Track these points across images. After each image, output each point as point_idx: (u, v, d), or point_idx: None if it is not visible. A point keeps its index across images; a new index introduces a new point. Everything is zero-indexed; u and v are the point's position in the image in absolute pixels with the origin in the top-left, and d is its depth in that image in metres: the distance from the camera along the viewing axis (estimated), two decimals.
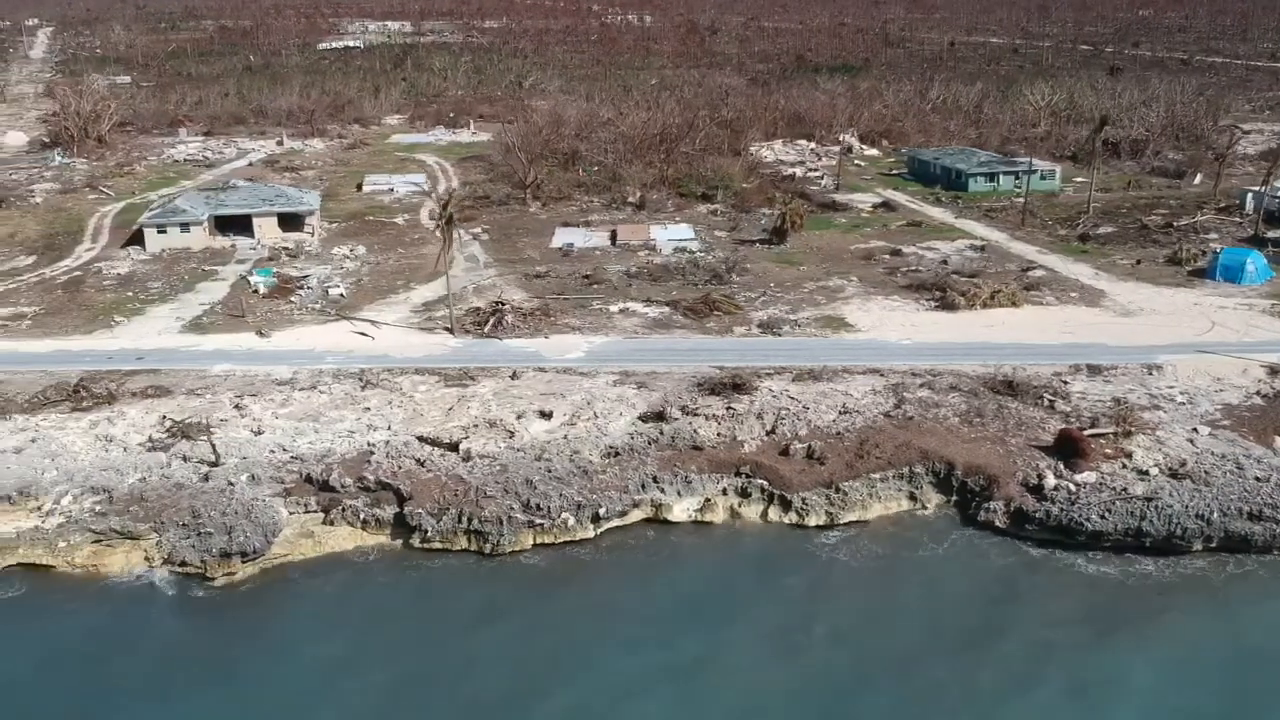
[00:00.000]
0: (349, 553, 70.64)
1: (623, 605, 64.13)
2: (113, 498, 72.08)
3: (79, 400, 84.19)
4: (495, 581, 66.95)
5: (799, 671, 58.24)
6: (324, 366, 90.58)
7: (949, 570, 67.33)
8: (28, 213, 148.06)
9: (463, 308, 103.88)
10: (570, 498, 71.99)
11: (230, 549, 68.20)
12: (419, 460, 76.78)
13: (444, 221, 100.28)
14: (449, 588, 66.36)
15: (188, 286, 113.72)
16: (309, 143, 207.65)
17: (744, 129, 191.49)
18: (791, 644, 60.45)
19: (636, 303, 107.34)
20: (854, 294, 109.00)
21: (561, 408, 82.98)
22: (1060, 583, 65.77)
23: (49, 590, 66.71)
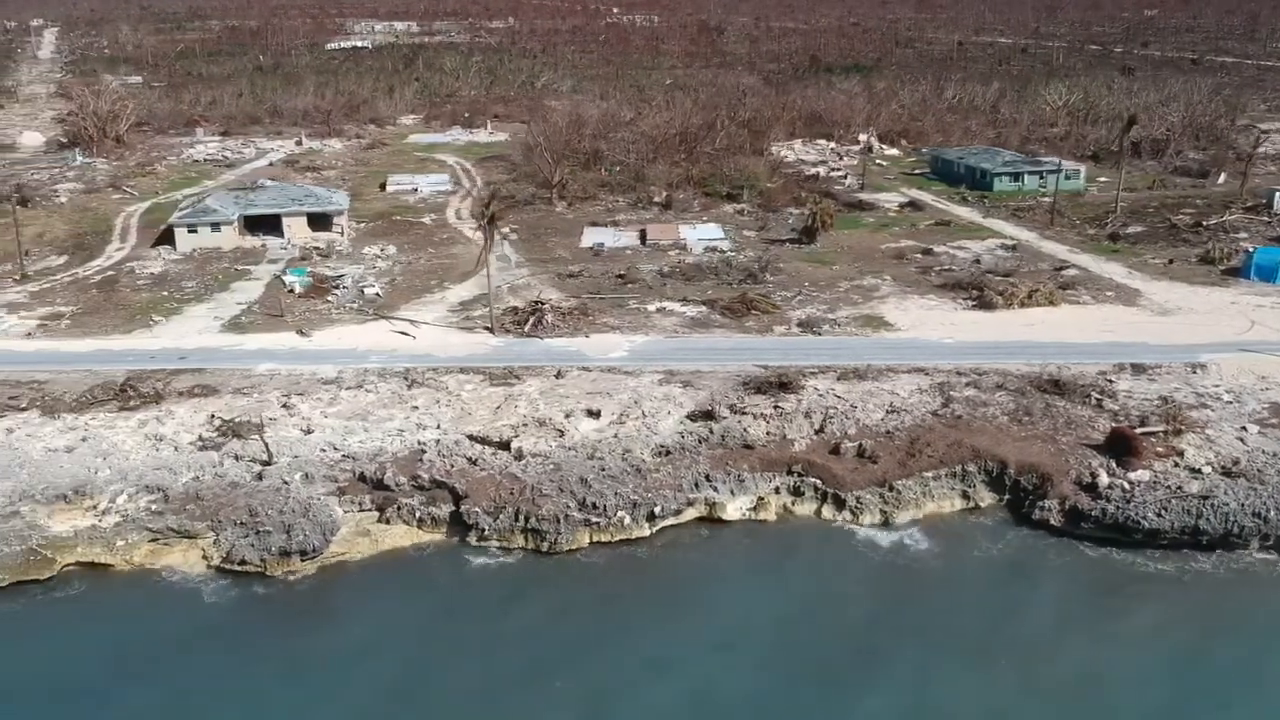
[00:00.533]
0: (406, 551, 70.78)
1: (690, 604, 64.09)
2: (168, 497, 72.13)
3: (126, 399, 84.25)
4: (556, 579, 66.83)
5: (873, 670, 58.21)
6: (368, 366, 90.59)
7: (1009, 568, 67.48)
8: (53, 212, 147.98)
9: (500, 307, 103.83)
10: (626, 496, 72.11)
11: (290, 547, 68.29)
12: (470, 459, 76.84)
13: (486, 221, 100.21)
14: (509, 585, 66.30)
15: (222, 286, 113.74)
16: (327, 142, 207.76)
17: (763, 129, 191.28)
18: (864, 644, 60.45)
19: (673, 302, 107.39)
20: (890, 293, 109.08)
21: (609, 407, 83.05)
22: (1123, 580, 65.72)
23: (109, 588, 66.54)
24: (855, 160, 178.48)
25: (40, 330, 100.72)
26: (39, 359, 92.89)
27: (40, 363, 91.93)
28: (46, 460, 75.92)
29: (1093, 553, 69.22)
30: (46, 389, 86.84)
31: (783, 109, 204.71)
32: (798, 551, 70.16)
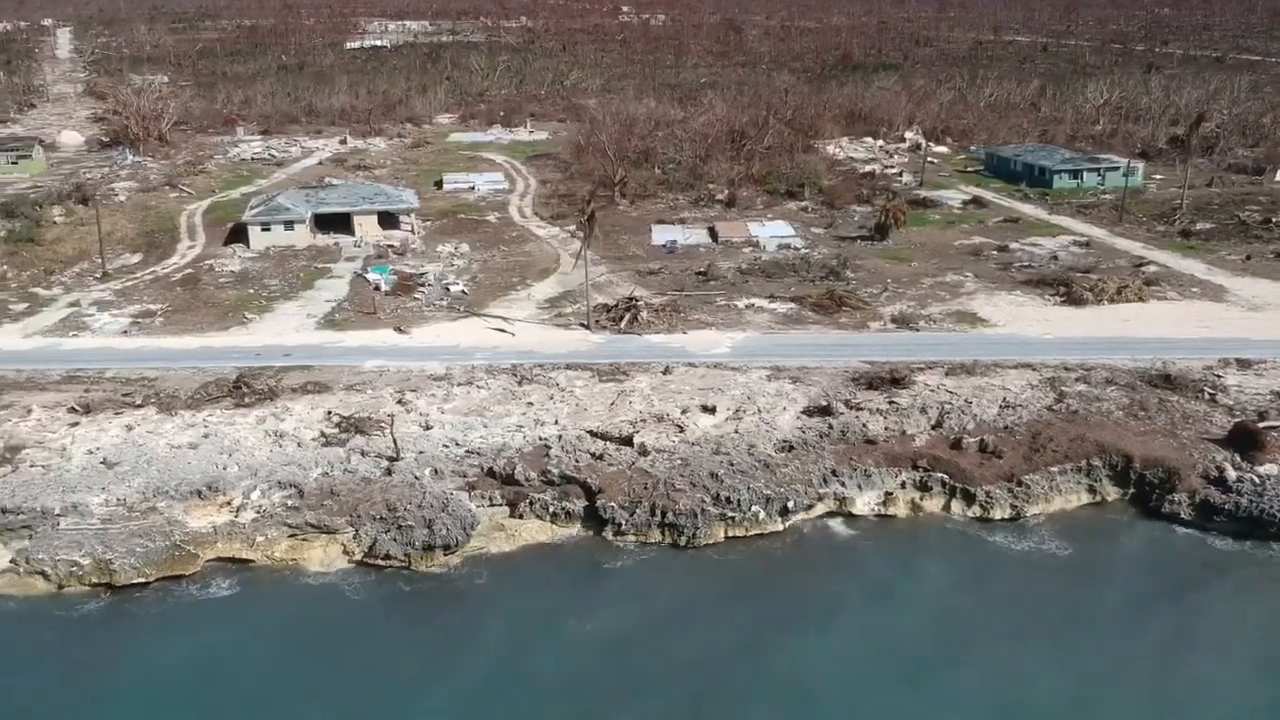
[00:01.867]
0: (542, 545, 71.00)
1: (842, 599, 64.51)
2: (302, 492, 72.40)
3: (241, 396, 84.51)
4: (701, 572, 67.19)
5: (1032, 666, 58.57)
6: (475, 362, 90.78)
7: (1150, 561, 67.94)
8: (116, 211, 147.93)
9: (590, 304, 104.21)
10: (759, 491, 72.50)
11: (433, 542, 68.67)
12: (594, 454, 77.17)
13: (586, 219, 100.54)
14: (654, 579, 66.61)
15: (306, 284, 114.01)
16: (370, 141, 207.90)
17: (808, 126, 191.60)
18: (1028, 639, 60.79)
19: (759, 298, 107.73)
20: (975, 289, 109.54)
21: (723, 403, 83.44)
22: (1266, 571, 66.18)
23: (254, 583, 66.80)
24: (905, 158, 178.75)
25: (135, 328, 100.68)
26: (142, 356, 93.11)
27: (144, 360, 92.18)
28: (173, 457, 76.12)
29: (1227, 546, 69.70)
30: (157, 386, 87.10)
31: (824, 107, 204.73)
32: (934, 546, 70.59)
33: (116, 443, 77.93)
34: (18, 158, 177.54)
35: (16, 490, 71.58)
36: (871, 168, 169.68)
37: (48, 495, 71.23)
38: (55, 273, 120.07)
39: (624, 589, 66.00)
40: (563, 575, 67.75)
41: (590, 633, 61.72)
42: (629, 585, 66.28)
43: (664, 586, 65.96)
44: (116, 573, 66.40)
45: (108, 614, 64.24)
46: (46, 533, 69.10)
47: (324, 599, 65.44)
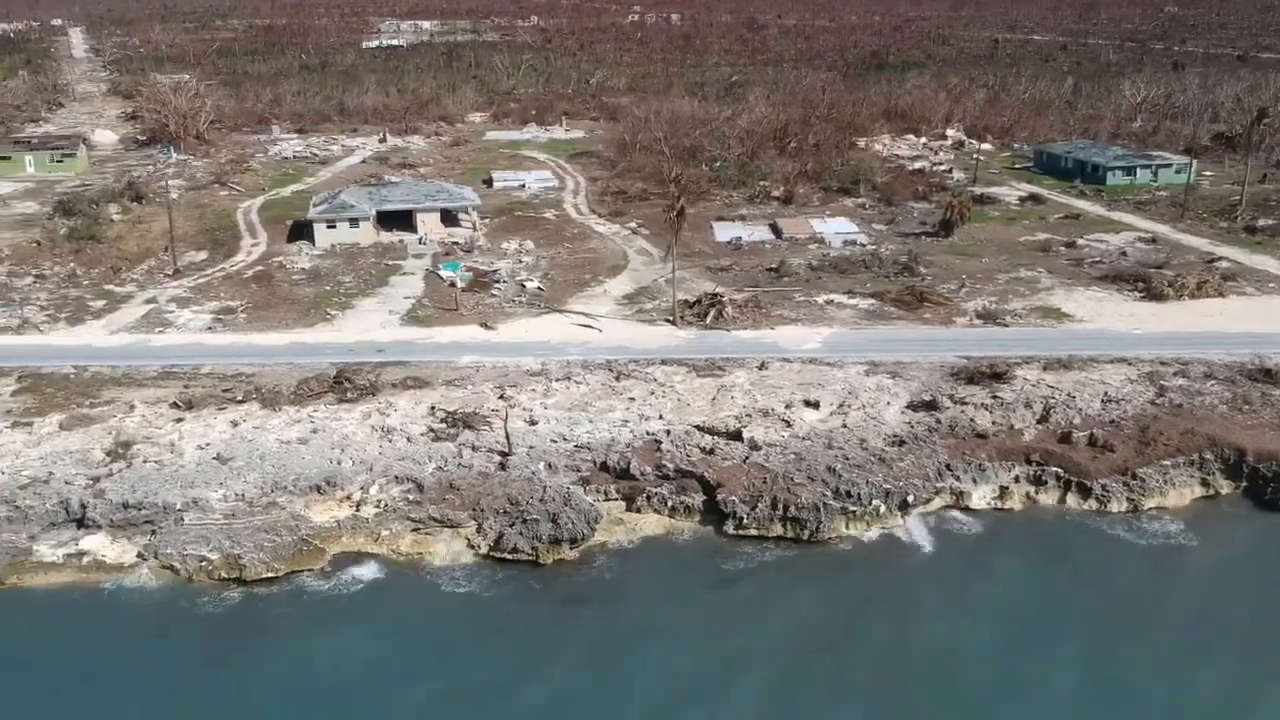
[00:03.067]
0: (663, 539, 71.07)
1: (977, 593, 64.54)
2: (421, 487, 72.42)
3: (343, 392, 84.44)
4: (828, 567, 67.25)
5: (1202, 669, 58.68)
6: (569, 358, 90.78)
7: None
8: (176, 209, 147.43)
9: (667, 300, 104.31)
10: (878, 485, 72.54)
11: (559, 535, 68.72)
12: (704, 449, 77.18)
13: (675, 214, 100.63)
14: (786, 574, 66.64)
15: (380, 281, 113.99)
16: (409, 140, 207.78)
17: (848, 123, 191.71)
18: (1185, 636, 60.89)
19: (836, 294, 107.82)
20: (1052, 285, 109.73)
21: (826, 397, 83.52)
22: None
23: (381, 577, 66.72)
24: (950, 155, 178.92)
25: (219, 324, 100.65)
26: (234, 352, 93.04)
27: (237, 356, 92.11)
28: (285, 452, 76.13)
29: None
30: (255, 382, 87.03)
31: (863, 104, 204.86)
32: (1058, 539, 70.60)
33: (225, 438, 77.84)
34: (62, 156, 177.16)
35: (135, 485, 71.54)
36: (921, 165, 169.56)
37: (167, 491, 71.19)
38: (122, 270, 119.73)
39: (763, 582, 65.80)
40: (683, 569, 67.49)
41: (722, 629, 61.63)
42: (768, 578, 66.09)
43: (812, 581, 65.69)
44: (246, 567, 66.38)
45: (242, 608, 63.91)
46: (170, 528, 68.97)
47: (454, 592, 65.28)
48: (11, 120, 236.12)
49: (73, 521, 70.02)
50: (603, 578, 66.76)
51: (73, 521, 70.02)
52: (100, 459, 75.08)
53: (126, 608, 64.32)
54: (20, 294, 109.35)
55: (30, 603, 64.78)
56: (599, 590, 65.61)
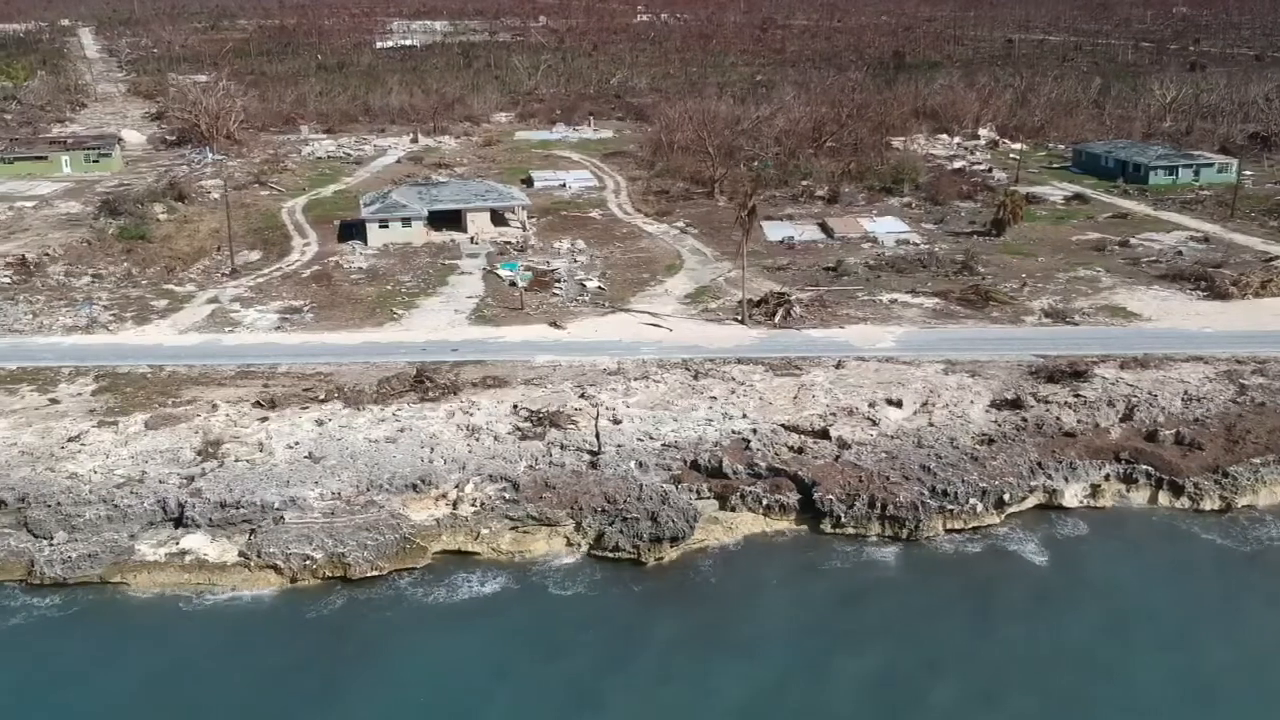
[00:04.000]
0: (761, 538, 71.10)
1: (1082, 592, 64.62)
2: (517, 485, 72.40)
3: (424, 391, 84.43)
4: (931, 567, 67.35)
5: None
6: (644, 357, 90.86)
7: None
8: (215, 209, 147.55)
9: (733, 299, 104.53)
10: (974, 483, 72.60)
11: (659, 534, 68.72)
12: (792, 448, 77.25)
13: (746, 213, 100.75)
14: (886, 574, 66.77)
15: (439, 280, 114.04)
16: (440, 140, 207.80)
17: (879, 123, 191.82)
18: None
19: (899, 293, 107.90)
20: (1113, 284, 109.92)
21: (908, 396, 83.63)
22: None
23: (485, 576, 66.73)
24: (985, 154, 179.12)
25: (286, 323, 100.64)
26: (308, 351, 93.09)
27: (311, 355, 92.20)
28: (375, 451, 76.18)
29: None
30: (334, 380, 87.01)
31: (893, 104, 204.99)
32: (1157, 538, 70.54)
33: (313, 437, 77.87)
34: (98, 155, 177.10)
35: (231, 484, 71.56)
36: (960, 164, 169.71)
37: (263, 489, 71.22)
38: (176, 269, 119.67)
39: (868, 581, 65.88)
40: (785, 567, 67.57)
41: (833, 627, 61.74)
42: (873, 578, 66.18)
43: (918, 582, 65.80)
44: (350, 566, 66.37)
45: (348, 607, 63.91)
46: (269, 527, 68.93)
47: (561, 594, 65.19)
48: (38, 120, 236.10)
49: (170, 521, 69.95)
50: (706, 577, 66.72)
51: (170, 521, 69.95)
52: (191, 458, 75.06)
53: (232, 607, 64.23)
54: (82, 293, 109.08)
55: (135, 601, 64.70)
56: (704, 590, 65.57)
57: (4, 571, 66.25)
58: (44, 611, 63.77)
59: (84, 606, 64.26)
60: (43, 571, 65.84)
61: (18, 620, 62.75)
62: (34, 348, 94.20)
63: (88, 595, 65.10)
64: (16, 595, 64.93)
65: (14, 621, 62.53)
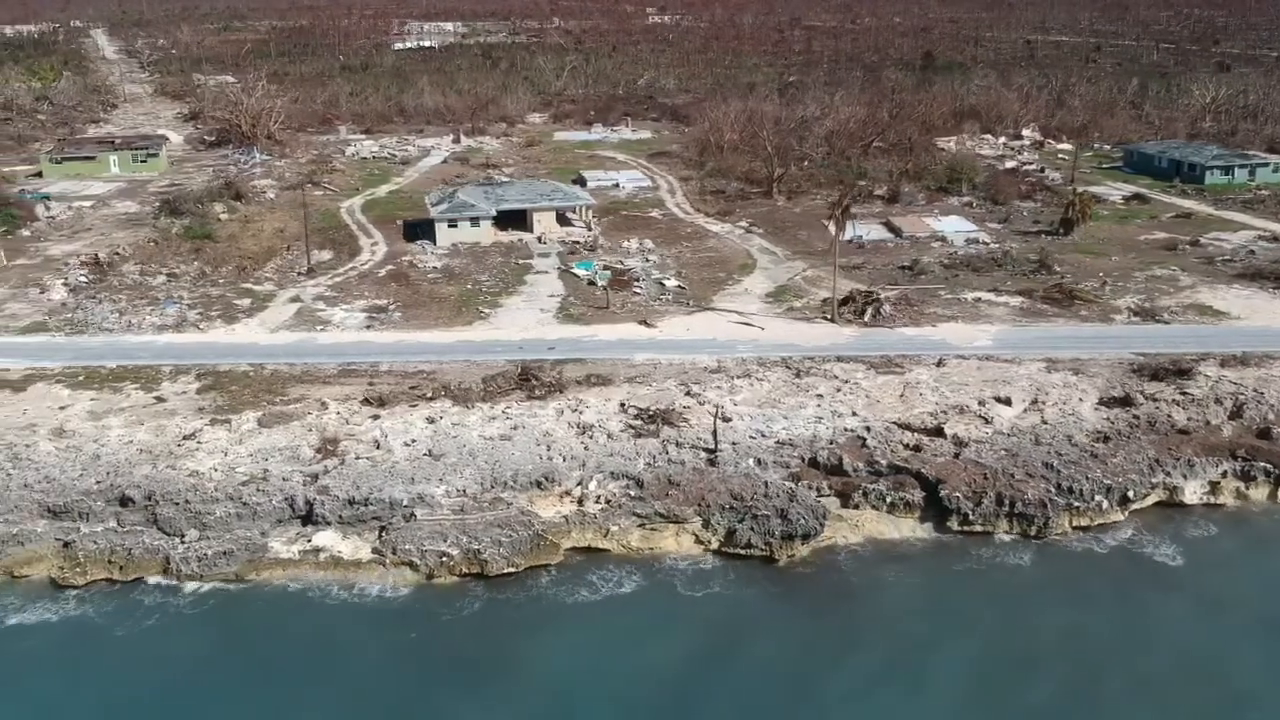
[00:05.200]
0: (887, 535, 71.21)
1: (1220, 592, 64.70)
2: (641, 482, 72.39)
3: (531, 389, 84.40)
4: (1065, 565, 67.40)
5: None
6: (742, 355, 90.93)
7: None
8: (274, 209, 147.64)
9: (815, 298, 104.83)
10: (1098, 481, 72.64)
11: (791, 531, 68.73)
12: (907, 445, 77.28)
13: (840, 211, 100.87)
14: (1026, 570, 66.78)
15: (516, 279, 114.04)
16: (482, 140, 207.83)
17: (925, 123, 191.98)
18: None
19: (981, 292, 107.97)
20: (1193, 283, 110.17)
21: (1015, 394, 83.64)
22: None
23: (619, 573, 66.69)
24: (1034, 155, 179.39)
25: (376, 322, 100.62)
26: (404, 350, 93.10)
27: (409, 354, 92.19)
28: (493, 449, 76.20)
29: None
30: (437, 379, 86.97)
31: (935, 104, 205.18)
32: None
33: (428, 435, 77.88)
34: (146, 156, 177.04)
35: (357, 482, 71.56)
36: (1012, 164, 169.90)
37: (390, 487, 71.22)
38: (247, 269, 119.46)
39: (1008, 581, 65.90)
40: (919, 566, 67.56)
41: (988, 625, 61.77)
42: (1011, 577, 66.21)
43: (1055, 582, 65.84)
44: (487, 563, 66.36)
45: (486, 604, 63.91)
46: (399, 524, 68.94)
47: (692, 595, 65.10)
48: (73, 121, 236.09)
49: (297, 518, 69.89)
50: (846, 575, 66.69)
51: (297, 518, 69.89)
52: (310, 456, 74.94)
53: (372, 603, 64.14)
54: (162, 292, 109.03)
55: (273, 598, 64.62)
56: (839, 588, 65.54)
57: (140, 569, 66.06)
58: (182, 608, 63.82)
59: (222, 603, 64.29)
60: (179, 569, 65.81)
61: (156, 618, 62.68)
62: (129, 346, 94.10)
63: (225, 592, 65.05)
64: (154, 592, 64.66)
65: (152, 620, 62.45)
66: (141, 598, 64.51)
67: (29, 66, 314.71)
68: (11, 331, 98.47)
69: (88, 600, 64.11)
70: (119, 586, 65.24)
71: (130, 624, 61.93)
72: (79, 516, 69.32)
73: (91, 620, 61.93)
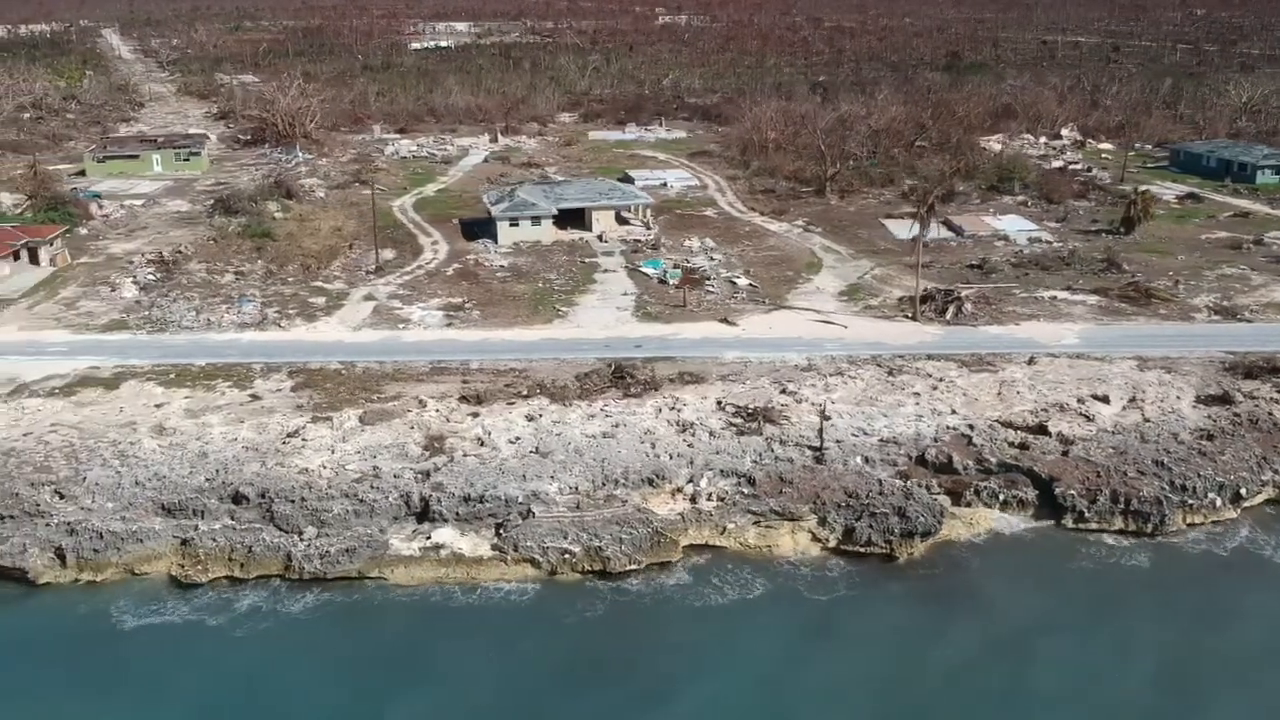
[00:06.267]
0: (1003, 533, 71.00)
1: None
2: (754, 480, 72.25)
3: (625, 387, 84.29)
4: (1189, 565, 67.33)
5: None
6: (830, 353, 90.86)
7: None
8: (326, 208, 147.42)
9: (890, 296, 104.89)
10: (1210, 478, 72.58)
11: (912, 529, 68.54)
12: (1013, 443, 77.21)
13: (925, 210, 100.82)
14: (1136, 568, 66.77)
15: (586, 278, 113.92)
16: (519, 140, 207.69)
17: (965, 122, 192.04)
18: None
19: (1055, 290, 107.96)
20: (1264, 281, 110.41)
21: (1113, 392, 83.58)
22: None
23: (740, 571, 66.60)
24: (1077, 155, 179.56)
25: (456, 320, 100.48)
26: (490, 348, 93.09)
27: (496, 352, 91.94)
28: (597, 446, 76.11)
29: None
30: (529, 376, 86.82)
31: (973, 104, 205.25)
32: None
33: (530, 432, 77.73)
34: (189, 154, 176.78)
35: (470, 479, 71.45)
36: (1058, 163, 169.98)
37: (503, 484, 71.15)
38: (312, 267, 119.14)
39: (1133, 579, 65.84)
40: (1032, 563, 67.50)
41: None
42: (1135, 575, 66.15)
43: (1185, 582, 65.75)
44: (610, 560, 66.16)
45: (612, 601, 63.75)
46: (516, 520, 68.78)
47: (816, 598, 64.89)
48: (104, 120, 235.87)
49: (412, 515, 69.72)
50: (965, 573, 66.51)
51: (412, 515, 69.72)
52: (418, 453, 74.74)
53: (494, 601, 64.02)
54: (236, 290, 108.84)
55: (397, 595, 64.53)
56: (968, 587, 65.38)
57: (262, 566, 65.83)
58: (306, 606, 63.46)
59: (346, 600, 64.06)
60: (301, 566, 65.50)
61: (281, 617, 62.35)
62: (214, 344, 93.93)
63: (349, 589, 64.85)
64: (279, 590, 64.48)
65: (274, 618, 62.15)
66: (263, 595, 64.11)
67: (52, 66, 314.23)
68: (93, 329, 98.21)
69: (210, 597, 63.76)
70: (241, 584, 64.71)
71: (253, 622, 61.70)
72: (193, 514, 68.94)
73: (215, 618, 61.64)
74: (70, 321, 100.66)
